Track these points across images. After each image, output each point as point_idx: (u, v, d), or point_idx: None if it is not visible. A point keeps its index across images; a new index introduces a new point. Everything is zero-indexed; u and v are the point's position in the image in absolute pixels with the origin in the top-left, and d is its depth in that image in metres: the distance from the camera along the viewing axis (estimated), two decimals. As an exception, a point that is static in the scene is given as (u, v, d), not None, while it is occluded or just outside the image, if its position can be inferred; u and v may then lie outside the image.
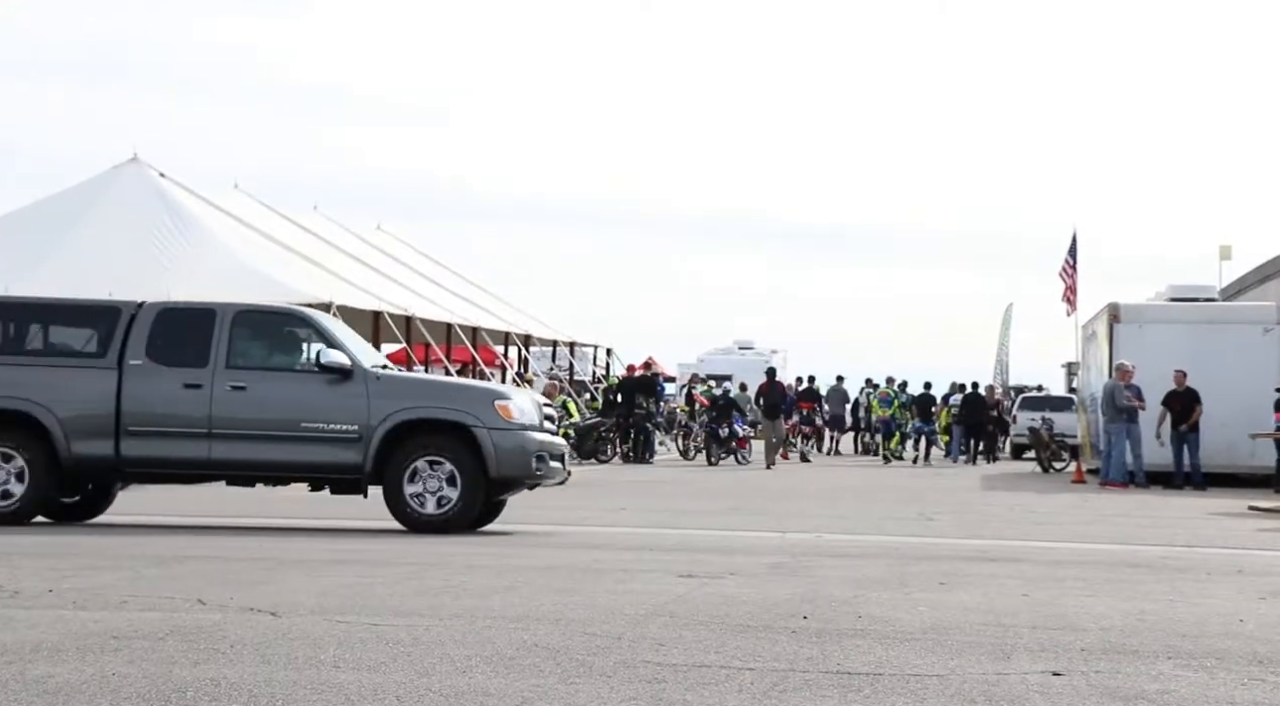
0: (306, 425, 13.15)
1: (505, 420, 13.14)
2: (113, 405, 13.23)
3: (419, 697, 5.70)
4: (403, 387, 13.56)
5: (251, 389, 13.25)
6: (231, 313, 13.54)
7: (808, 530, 14.30)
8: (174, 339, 13.45)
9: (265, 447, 13.21)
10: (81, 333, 13.87)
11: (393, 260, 31.00)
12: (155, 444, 13.26)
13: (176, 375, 13.29)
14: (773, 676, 6.23)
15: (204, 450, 13.24)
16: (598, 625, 7.44)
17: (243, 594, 8.39)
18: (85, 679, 5.91)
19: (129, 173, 25.37)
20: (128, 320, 13.47)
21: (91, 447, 13.20)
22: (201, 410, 13.19)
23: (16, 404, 13.25)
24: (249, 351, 13.51)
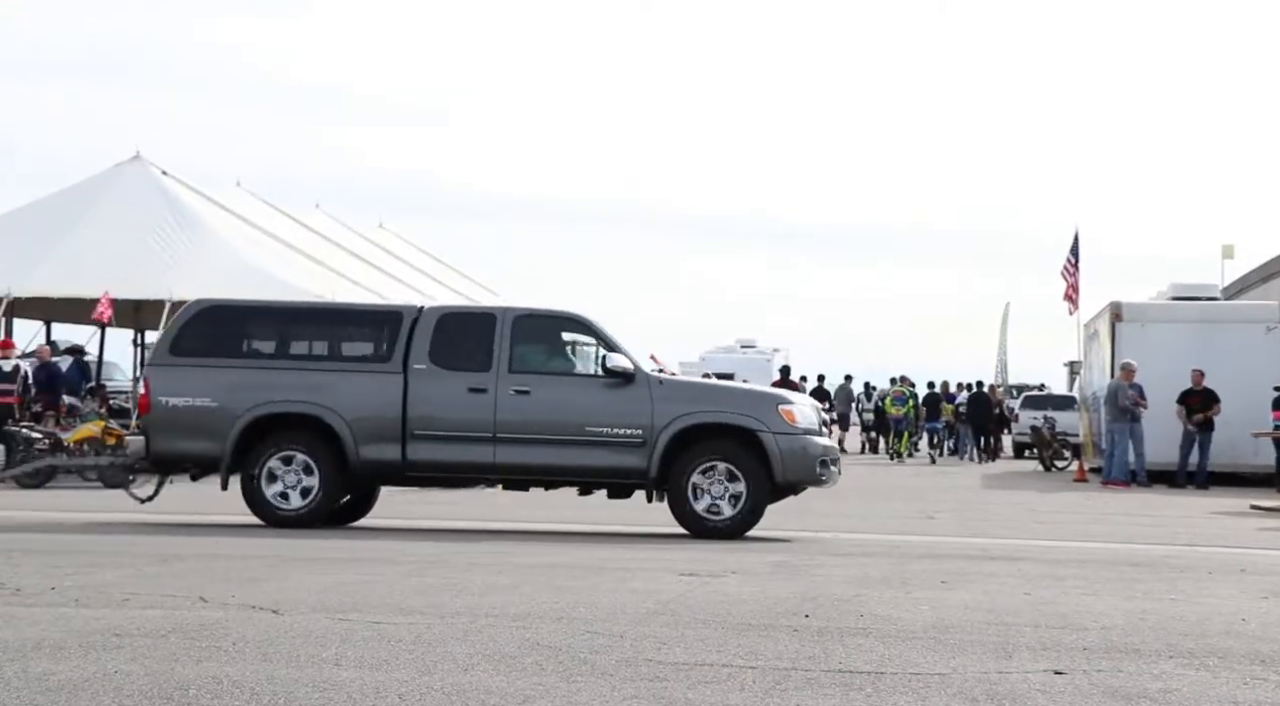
0: (591, 429, 13.08)
1: (790, 425, 13.07)
2: (399, 409, 13.15)
3: (421, 695, 5.70)
4: (686, 392, 13.46)
5: (535, 393, 13.18)
6: (511, 317, 13.42)
7: (809, 528, 14.29)
8: (456, 343, 13.40)
9: (549, 452, 13.12)
10: (364, 337, 13.84)
11: (395, 258, 30.99)
12: (440, 448, 13.21)
13: (460, 379, 13.22)
14: (775, 675, 6.23)
15: (488, 454, 13.16)
16: (600, 623, 7.44)
17: (244, 591, 8.39)
18: (87, 676, 5.91)
19: (131, 171, 25.34)
20: (410, 324, 13.40)
21: (379, 452, 13.17)
22: (486, 414, 13.11)
23: (307, 408, 13.24)
24: (529, 355, 13.47)
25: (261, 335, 13.87)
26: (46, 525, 13.62)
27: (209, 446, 13.25)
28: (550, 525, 14.22)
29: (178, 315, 13.90)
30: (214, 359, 13.46)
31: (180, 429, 13.33)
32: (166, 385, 13.37)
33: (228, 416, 13.21)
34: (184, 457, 13.57)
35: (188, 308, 13.97)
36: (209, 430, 13.23)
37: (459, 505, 16.89)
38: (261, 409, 13.26)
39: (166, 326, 14.02)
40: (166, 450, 13.46)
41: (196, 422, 13.28)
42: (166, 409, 13.32)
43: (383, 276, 27.90)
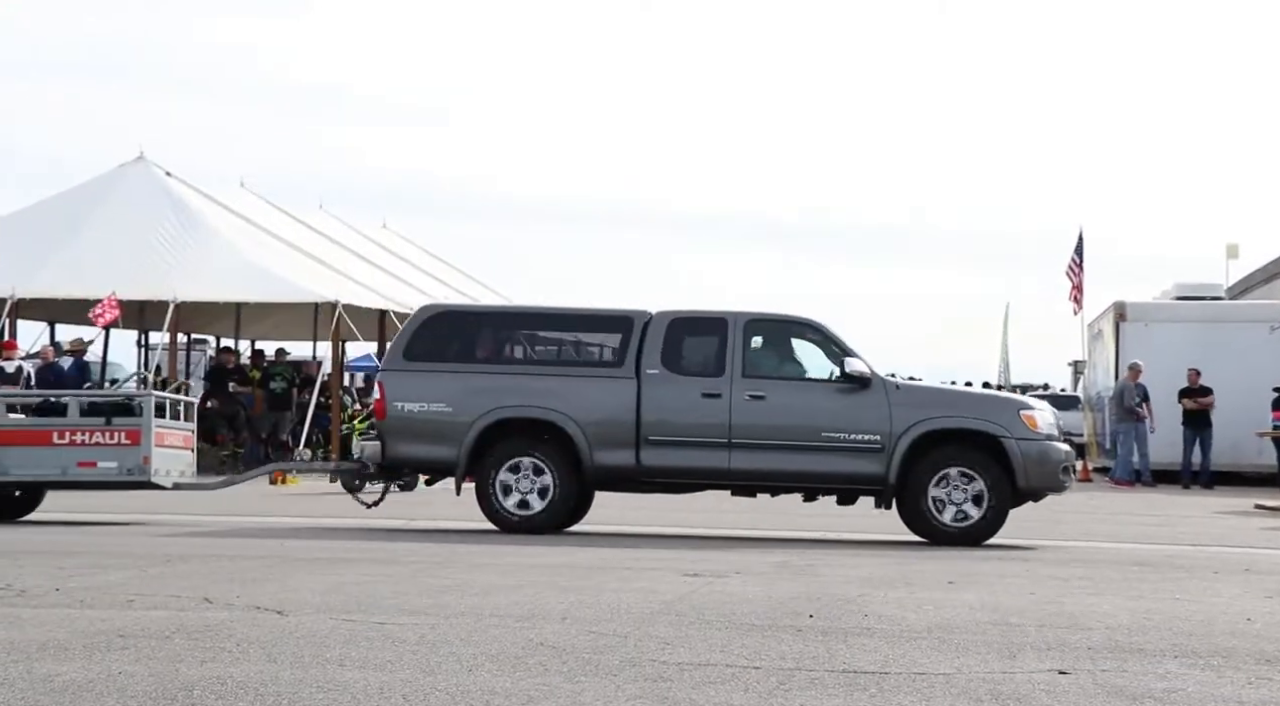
0: (827, 435, 12.95)
1: (1032, 430, 12.94)
2: (633, 414, 13.10)
3: (425, 696, 5.70)
4: (924, 397, 13.39)
5: (770, 398, 13.09)
6: (743, 321, 13.30)
7: (813, 529, 14.29)
8: (687, 348, 13.37)
9: (785, 457, 13.02)
10: (594, 341, 13.87)
11: (398, 258, 30.99)
12: (675, 453, 13.15)
13: (693, 384, 13.15)
14: (779, 675, 6.22)
15: (723, 459, 13.07)
16: (603, 624, 7.44)
17: (249, 592, 8.40)
18: (92, 677, 5.91)
19: (135, 171, 25.36)
20: (641, 329, 13.34)
21: (613, 457, 13.11)
22: (721, 419, 13.03)
23: (542, 413, 13.19)
24: (762, 359, 13.36)
25: (492, 340, 13.78)
26: (51, 526, 13.63)
27: (444, 452, 13.19)
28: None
29: (409, 321, 13.79)
30: (447, 364, 13.42)
31: (415, 434, 13.26)
32: (401, 390, 13.30)
33: (462, 421, 13.13)
34: (419, 462, 13.58)
35: (418, 313, 13.88)
36: (444, 435, 13.15)
37: (461, 505, 16.91)
38: (496, 414, 13.16)
39: (398, 332, 13.82)
40: (402, 455, 13.39)
41: (431, 428, 13.22)
42: (401, 414, 13.26)
43: (386, 276, 27.90)
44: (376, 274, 27.65)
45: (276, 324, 29.89)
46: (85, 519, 14.40)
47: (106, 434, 13.60)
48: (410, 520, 14.62)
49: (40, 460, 13.60)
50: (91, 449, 13.60)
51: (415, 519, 14.77)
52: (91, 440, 13.60)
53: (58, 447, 13.59)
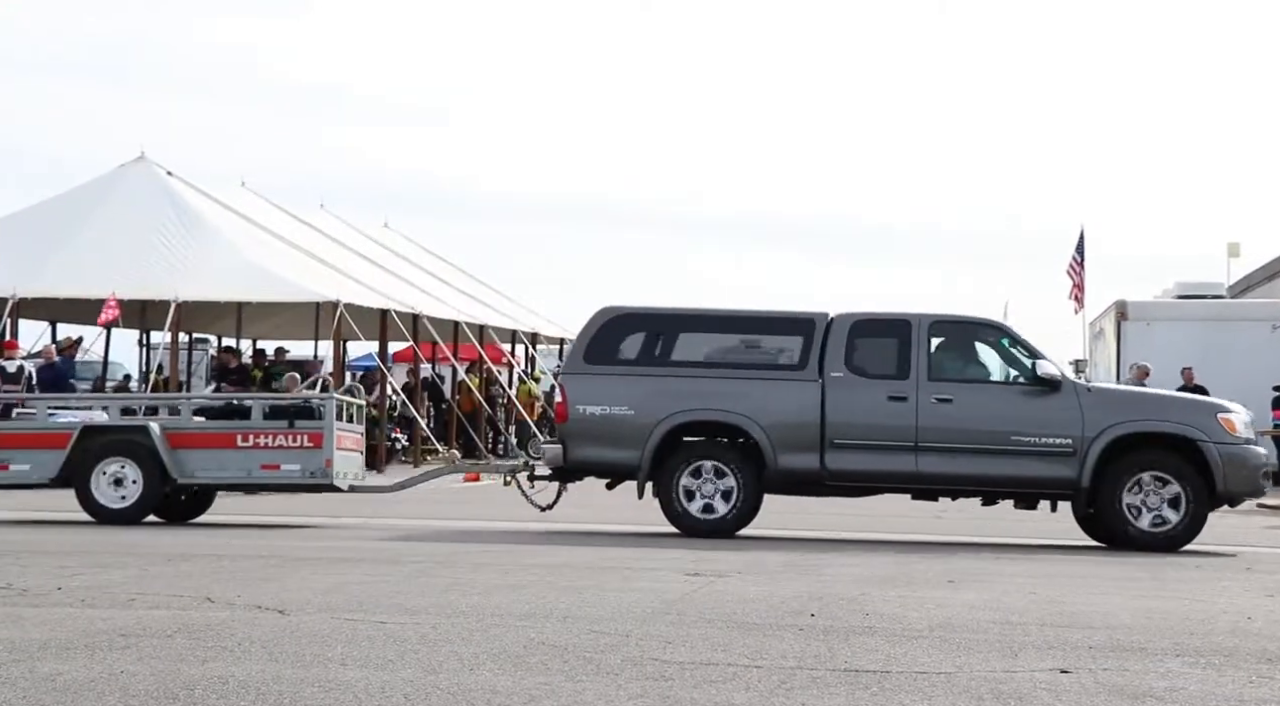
0: (1017, 438, 12.80)
1: (1230, 434, 12.75)
2: (817, 417, 13.00)
3: (426, 695, 5.70)
4: (1117, 400, 13.22)
5: (957, 401, 12.97)
6: (927, 322, 13.20)
7: (815, 528, 14.29)
8: (872, 350, 13.27)
9: (974, 461, 12.88)
10: (775, 344, 13.67)
11: (399, 258, 30.98)
12: (860, 456, 13.05)
13: (879, 387, 13.05)
14: (780, 674, 6.23)
15: (910, 463, 12.96)
16: (605, 623, 7.45)
17: (250, 591, 8.40)
18: (94, 676, 5.92)
19: (136, 171, 25.36)
20: (823, 331, 13.24)
21: (797, 460, 13.01)
22: (907, 422, 12.92)
23: (725, 416, 13.11)
24: (947, 362, 13.27)
25: (672, 342, 13.63)
26: (54, 525, 13.63)
27: (626, 455, 13.10)
28: (555, 525, 14.22)
29: (587, 323, 13.72)
30: (628, 367, 13.36)
31: (596, 437, 13.21)
32: (582, 393, 13.25)
33: (645, 424, 13.04)
34: (601, 465, 13.46)
35: (596, 316, 13.74)
36: (626, 438, 13.09)
37: (464, 505, 16.91)
38: (679, 417, 13.09)
39: (578, 334, 13.71)
40: (584, 458, 13.33)
41: (613, 431, 13.15)
42: (583, 417, 13.20)
43: (387, 276, 27.89)
44: (377, 273, 27.65)
45: (278, 323, 29.90)
46: (89, 518, 14.39)
47: (289, 437, 13.63)
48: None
49: (224, 463, 13.64)
50: (274, 451, 13.63)
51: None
52: (274, 443, 13.63)
53: (242, 450, 13.63)
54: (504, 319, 31.77)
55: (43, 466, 13.65)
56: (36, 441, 13.85)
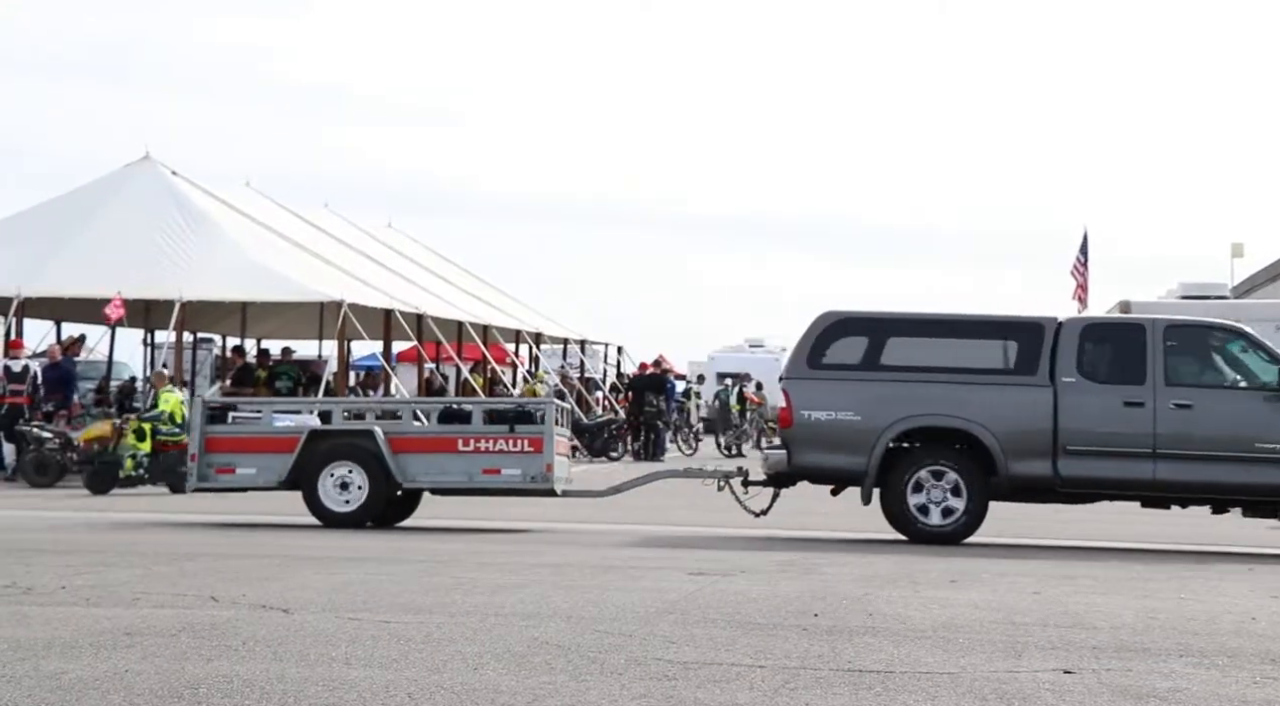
0: (1261, 445, 12.53)
1: None
2: (1050, 423, 12.71)
3: (430, 694, 5.71)
4: None
5: (1197, 407, 12.66)
6: (1161, 326, 12.95)
7: (818, 528, 14.29)
8: (1104, 355, 13.04)
9: (1213, 469, 12.59)
10: (1000, 348, 13.37)
11: (403, 258, 30.95)
12: (1095, 463, 12.79)
13: (1113, 393, 12.75)
14: (784, 674, 6.23)
15: (1148, 470, 12.65)
16: (608, 622, 7.45)
17: (254, 591, 8.41)
18: (99, 675, 5.93)
19: (141, 171, 25.33)
20: (1052, 336, 12.98)
21: (1029, 467, 12.76)
22: (1145, 429, 12.62)
23: (955, 422, 12.90)
24: (1183, 366, 12.93)
25: (895, 347, 13.39)
26: (59, 524, 13.64)
27: (852, 461, 12.91)
28: (559, 524, 14.23)
29: (809, 328, 13.50)
30: (852, 372, 13.18)
31: (822, 443, 13.02)
32: (807, 398, 13.07)
33: (872, 430, 12.84)
34: (826, 471, 13.26)
35: (819, 320, 13.52)
36: (852, 444, 12.90)
37: (467, 504, 16.92)
38: (907, 422, 12.91)
39: (800, 338, 13.51)
40: (808, 464, 13.13)
41: (840, 436, 12.96)
42: (808, 422, 13.03)
43: (391, 275, 27.89)
44: (382, 273, 27.64)
45: (282, 323, 29.89)
46: (93, 517, 14.41)
47: (510, 441, 13.57)
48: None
49: (445, 467, 13.61)
50: (496, 456, 13.57)
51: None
52: (495, 447, 13.57)
53: (463, 455, 13.59)
54: (508, 319, 31.76)
55: (269, 470, 13.59)
56: (263, 445, 13.82)
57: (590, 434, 29.27)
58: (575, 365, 36.43)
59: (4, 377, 21.17)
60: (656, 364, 33.90)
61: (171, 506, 15.97)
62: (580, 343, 36.47)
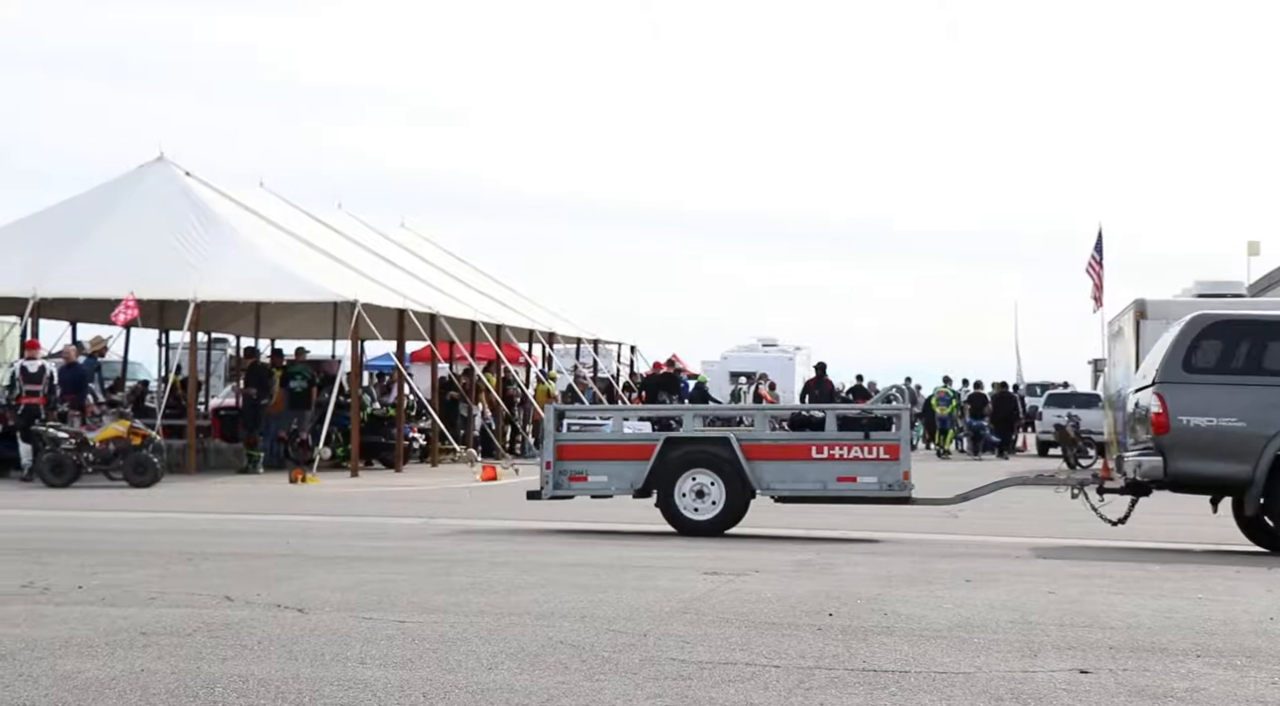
0: None
1: None
2: None
3: (445, 694, 5.71)
4: None
5: None
6: None
7: (832, 528, 14.27)
8: None
9: None
10: None
11: (416, 258, 30.97)
12: None
13: None
14: (798, 674, 6.22)
15: None
16: (623, 622, 7.45)
17: (269, 590, 8.42)
18: (115, 675, 5.94)
19: (155, 172, 25.38)
20: None
21: None
22: None
23: None
24: None
25: (1271, 350, 12.81)
26: (75, 525, 13.68)
27: (1237, 469, 12.47)
28: (573, 524, 14.22)
29: (1182, 331, 13.09)
30: (1233, 376, 12.75)
31: (1203, 450, 12.59)
32: (1185, 404, 12.66)
33: (1258, 437, 12.36)
34: (1207, 479, 12.84)
35: (1192, 323, 13.09)
36: (1236, 451, 12.46)
37: (483, 504, 16.93)
38: None
39: (1171, 342, 13.06)
40: (1187, 471, 12.68)
41: (1222, 443, 12.54)
42: (1187, 428, 12.60)
43: (404, 275, 27.92)
44: (395, 273, 27.67)
45: (296, 323, 29.95)
46: (109, 517, 14.44)
47: (866, 449, 13.38)
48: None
49: (800, 475, 13.44)
50: (851, 463, 13.38)
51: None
52: (851, 455, 13.38)
53: (817, 462, 13.40)
54: (521, 318, 31.78)
55: (621, 477, 13.44)
56: (616, 453, 13.65)
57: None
58: (588, 364, 36.43)
59: (20, 378, 21.25)
60: (669, 363, 33.89)
61: (186, 505, 16.01)
62: (593, 342, 36.49)
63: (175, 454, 22.11)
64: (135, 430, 20.01)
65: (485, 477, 21.89)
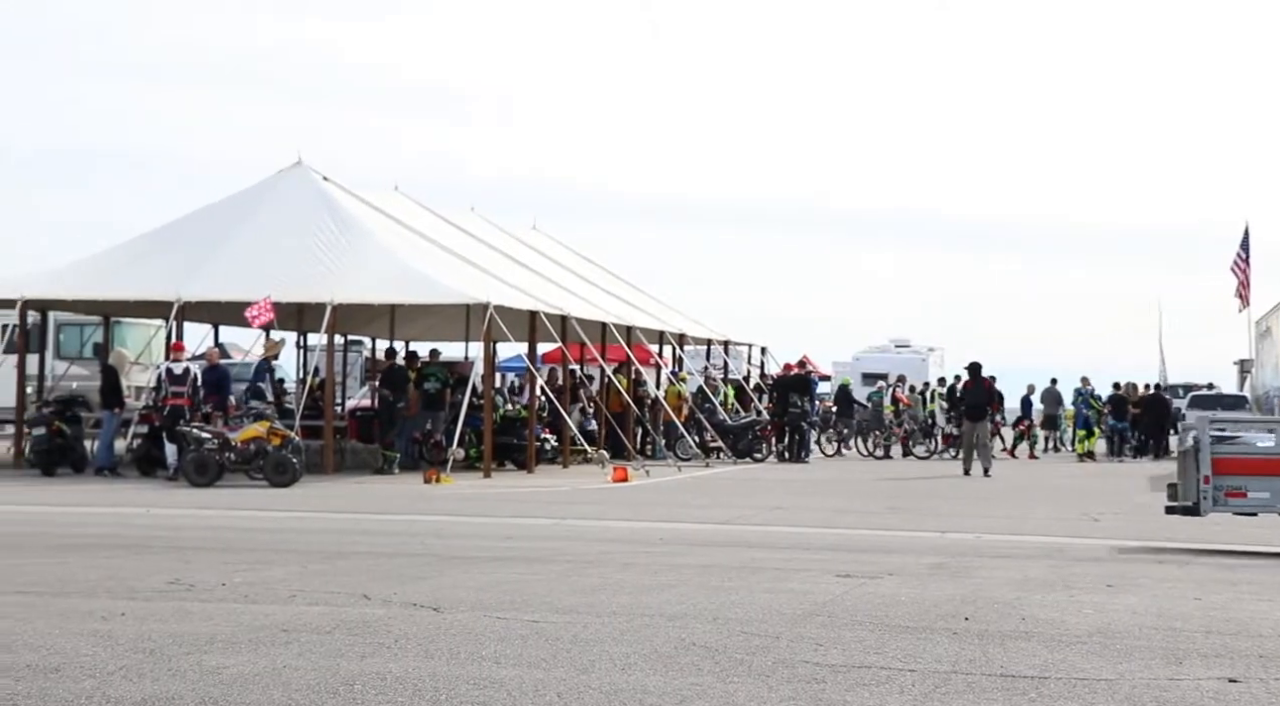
0: None
1: None
2: None
3: (579, 694, 5.73)
4: None
5: None
6: None
7: (968, 530, 14.06)
8: None
9: None
10: None
11: (548, 260, 31.18)
12: None
13: None
14: (934, 678, 6.13)
15: None
16: (755, 624, 7.41)
17: (405, 589, 8.53)
18: (258, 670, 6.06)
19: (293, 177, 25.88)
20: None
21: None
22: None
23: None
24: None
25: None
26: (217, 524, 14.01)
27: None
28: (703, 525, 14.20)
29: None
30: None
31: None
32: None
33: None
34: None
35: None
36: None
37: (603, 505, 16.99)
38: None
39: None
40: None
41: None
42: None
43: (536, 277, 28.14)
44: (526, 275, 27.89)
45: (430, 325, 30.35)
46: (251, 516, 14.76)
47: None
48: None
49: None
50: None
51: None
52: None
53: None
54: (651, 320, 31.83)
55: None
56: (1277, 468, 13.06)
57: (734, 435, 29.17)
58: (719, 366, 36.37)
59: (166, 380, 21.82)
60: (800, 364, 33.70)
61: (325, 506, 16.30)
62: (724, 343, 36.41)
63: (313, 454, 22.52)
64: (275, 431, 20.43)
65: (616, 479, 21.96)
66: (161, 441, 21.73)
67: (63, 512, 14.86)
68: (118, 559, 9.90)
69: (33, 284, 23.97)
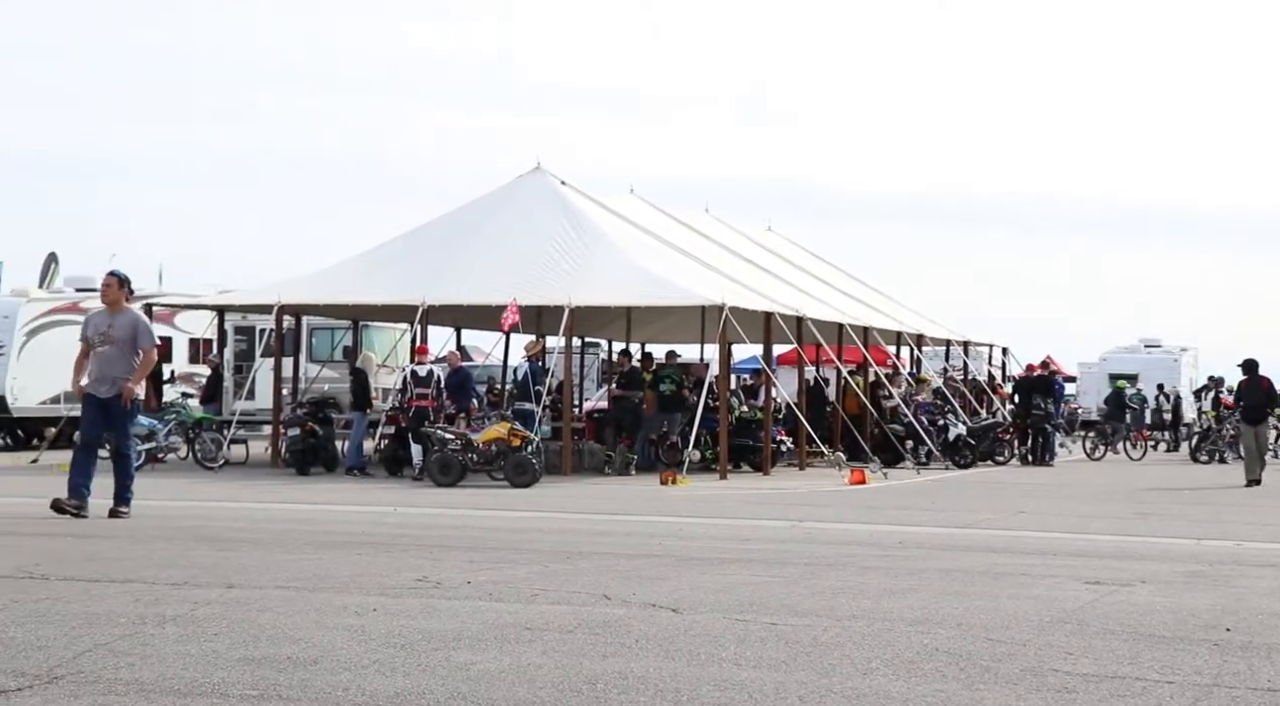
0: None
1: None
2: None
3: (821, 697, 5.67)
4: None
5: None
6: None
7: (1227, 537, 13.45)
8: None
9: None
10: None
11: (783, 261, 31.08)
12: None
13: None
14: (1194, 691, 5.87)
15: None
16: (1000, 631, 7.22)
17: (644, 590, 8.59)
18: (503, 667, 6.18)
19: (532, 182, 26.42)
20: None
21: None
22: None
23: None
24: None
25: None
26: (461, 523, 14.38)
27: None
28: (943, 529, 13.94)
29: None
30: None
31: None
32: None
33: None
34: None
35: None
36: None
37: (840, 508, 16.82)
38: None
39: None
40: None
41: None
42: None
43: (770, 278, 28.07)
44: (761, 276, 27.85)
45: (665, 327, 30.57)
46: (493, 515, 15.10)
47: None
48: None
49: None
50: None
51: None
52: None
53: None
54: (888, 320, 31.42)
55: None
56: None
57: (976, 437, 28.57)
58: (958, 367, 35.67)
59: (411, 382, 22.51)
60: (1044, 365, 32.81)
61: (564, 506, 16.56)
62: (963, 344, 35.70)
63: (552, 455, 22.92)
64: (515, 432, 20.87)
65: (853, 481, 21.74)
66: (407, 442, 22.42)
67: (317, 510, 15.46)
68: (368, 556, 10.24)
69: (287, 290, 25.03)
